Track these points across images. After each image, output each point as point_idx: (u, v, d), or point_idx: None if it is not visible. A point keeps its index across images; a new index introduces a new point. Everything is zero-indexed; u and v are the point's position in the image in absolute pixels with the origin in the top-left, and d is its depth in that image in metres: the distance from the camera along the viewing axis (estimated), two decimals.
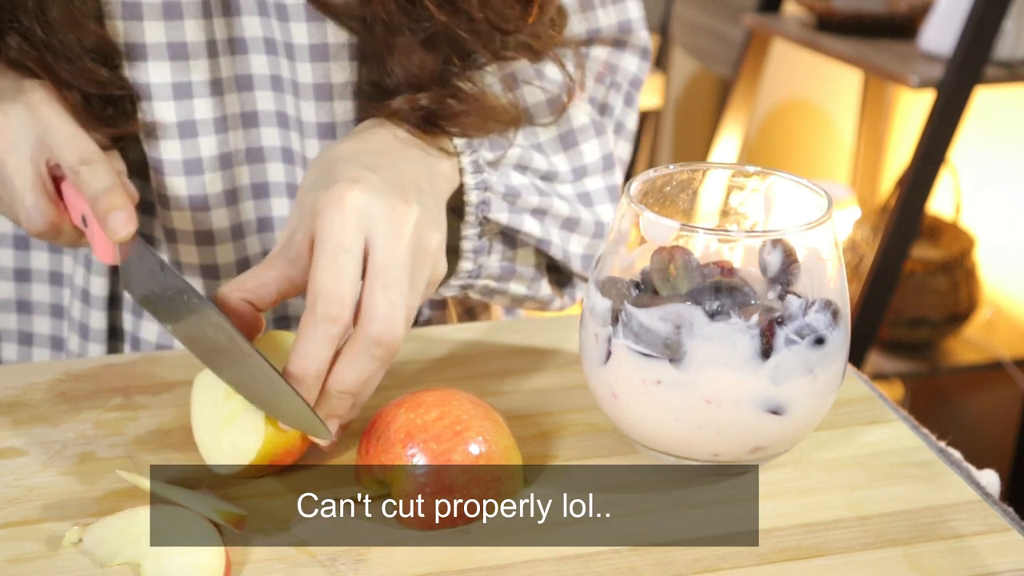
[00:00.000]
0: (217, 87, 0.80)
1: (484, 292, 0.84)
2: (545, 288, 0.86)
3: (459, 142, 0.78)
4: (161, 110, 0.79)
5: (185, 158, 0.81)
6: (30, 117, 0.74)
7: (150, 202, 0.84)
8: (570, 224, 0.83)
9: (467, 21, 0.76)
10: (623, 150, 0.92)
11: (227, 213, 0.83)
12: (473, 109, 0.78)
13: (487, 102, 0.78)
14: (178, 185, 0.81)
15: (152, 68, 0.78)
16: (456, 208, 0.79)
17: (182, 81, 0.79)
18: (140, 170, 0.83)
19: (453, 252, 0.80)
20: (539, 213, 0.82)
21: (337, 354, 0.67)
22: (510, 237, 0.83)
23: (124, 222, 0.70)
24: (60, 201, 0.76)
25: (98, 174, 0.72)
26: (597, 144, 0.85)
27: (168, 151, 0.80)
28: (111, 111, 0.79)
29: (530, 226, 0.81)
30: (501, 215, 0.80)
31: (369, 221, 0.66)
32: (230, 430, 0.65)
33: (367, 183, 0.68)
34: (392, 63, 0.77)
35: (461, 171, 0.78)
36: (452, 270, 0.81)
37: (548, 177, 0.83)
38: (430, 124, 0.77)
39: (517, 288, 0.85)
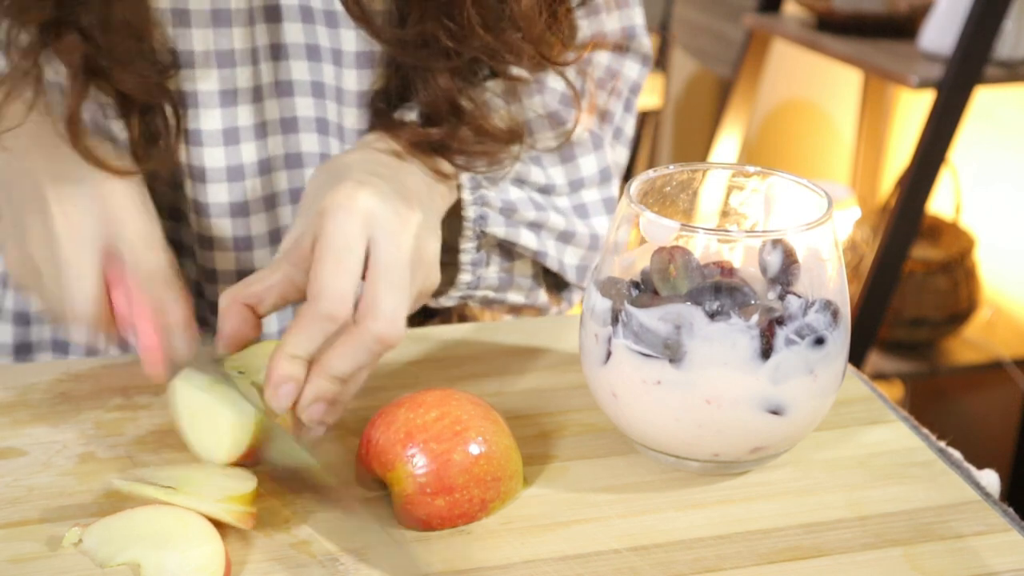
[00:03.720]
0: (258, 93, 0.80)
1: (483, 303, 0.84)
2: (542, 296, 0.87)
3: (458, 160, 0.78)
4: (207, 118, 0.79)
5: (228, 165, 0.80)
6: (105, 216, 0.71)
7: (180, 209, 0.84)
8: (566, 237, 0.84)
9: (512, 50, 0.75)
10: (621, 156, 0.92)
11: (266, 218, 0.84)
12: (476, 139, 0.78)
13: (488, 126, 0.78)
14: (219, 192, 0.81)
15: (200, 76, 0.78)
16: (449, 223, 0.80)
17: (227, 89, 0.79)
18: (172, 181, 0.83)
19: (451, 264, 0.81)
20: (535, 227, 0.82)
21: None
22: (507, 249, 0.83)
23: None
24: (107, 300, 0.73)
25: (169, 302, 0.70)
26: (594, 158, 0.86)
27: (212, 159, 0.80)
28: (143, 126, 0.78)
29: (526, 239, 0.82)
30: (498, 228, 0.80)
31: (374, 223, 0.67)
32: (219, 424, 0.65)
33: (374, 187, 0.68)
34: (416, 79, 0.77)
35: (459, 187, 0.78)
36: (451, 282, 0.81)
37: (545, 190, 0.83)
38: (434, 151, 0.77)
39: (515, 297, 0.85)
